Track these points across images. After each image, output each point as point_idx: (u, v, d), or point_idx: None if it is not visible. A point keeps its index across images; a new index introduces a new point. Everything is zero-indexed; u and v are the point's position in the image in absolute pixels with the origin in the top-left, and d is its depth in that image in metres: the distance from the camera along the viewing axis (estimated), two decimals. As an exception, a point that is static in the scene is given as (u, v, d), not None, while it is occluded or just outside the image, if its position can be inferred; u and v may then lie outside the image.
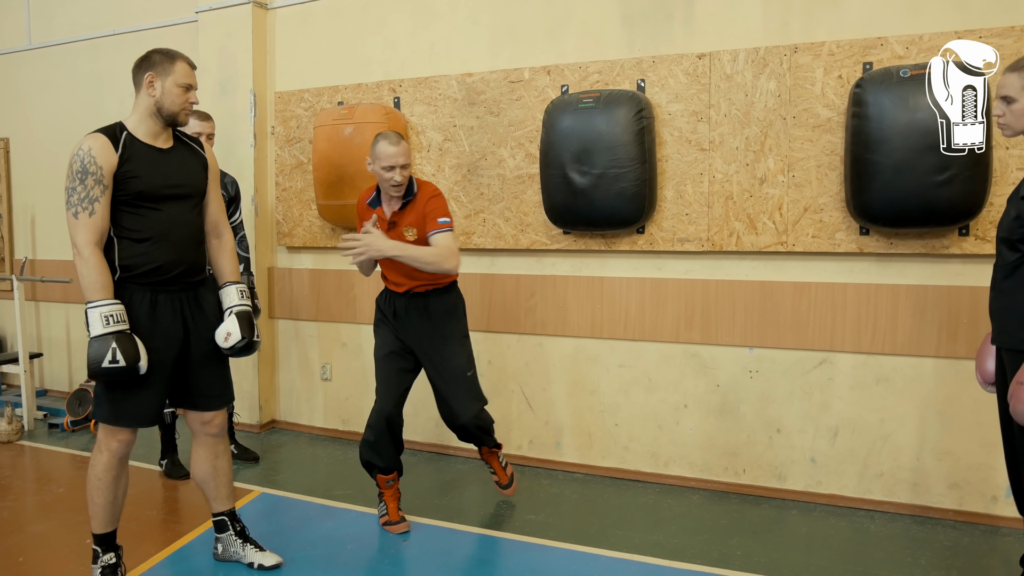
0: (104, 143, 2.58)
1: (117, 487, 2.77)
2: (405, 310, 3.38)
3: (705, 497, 3.75)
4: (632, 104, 3.59)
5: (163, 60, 2.69)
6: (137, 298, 2.66)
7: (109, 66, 5.21)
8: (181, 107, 2.72)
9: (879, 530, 3.36)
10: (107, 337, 2.49)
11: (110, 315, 2.52)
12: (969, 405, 3.38)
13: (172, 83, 2.68)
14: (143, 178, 2.63)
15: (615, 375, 3.99)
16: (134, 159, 2.62)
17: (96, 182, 2.55)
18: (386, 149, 3.17)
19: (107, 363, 2.48)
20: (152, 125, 2.70)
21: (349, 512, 3.59)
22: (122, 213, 2.63)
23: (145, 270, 2.66)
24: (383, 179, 3.21)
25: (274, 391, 4.94)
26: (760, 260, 3.68)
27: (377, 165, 3.20)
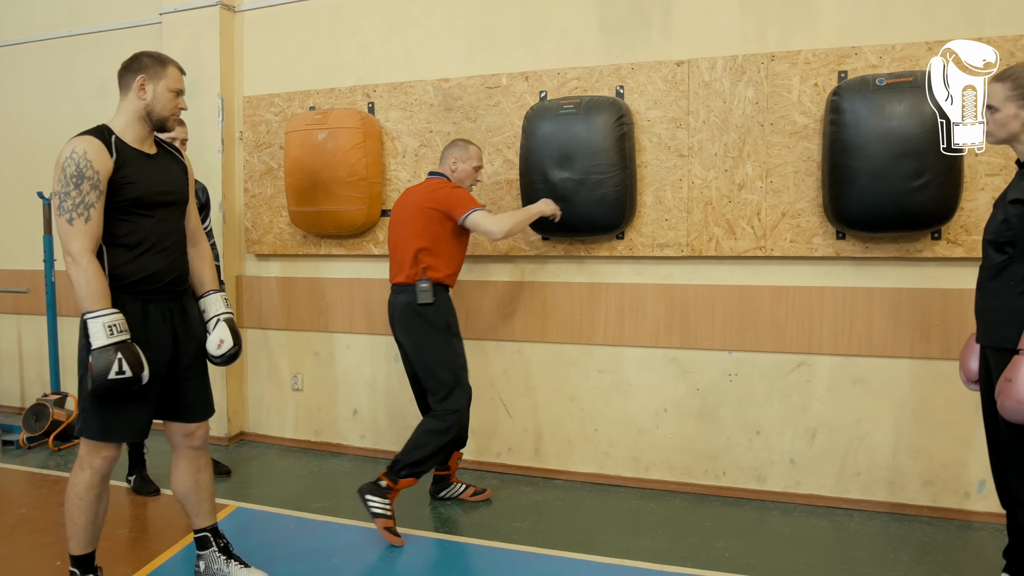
0: (99, 147, 2.49)
1: (99, 506, 2.67)
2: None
3: (686, 500, 3.78)
4: (612, 110, 3.62)
5: (154, 64, 2.62)
6: (129, 308, 2.57)
7: (65, 68, 5.04)
8: (171, 112, 2.66)
9: (859, 528, 3.43)
10: (111, 348, 2.40)
11: (112, 325, 2.43)
12: (942, 404, 3.48)
13: (164, 88, 2.62)
14: (138, 184, 2.55)
15: (595, 380, 4.00)
16: (128, 164, 2.55)
17: (92, 187, 2.46)
18: (479, 152, 3.66)
19: (113, 375, 2.39)
20: (139, 129, 2.63)
21: (329, 525, 3.52)
22: (114, 220, 2.54)
23: (137, 279, 2.58)
24: (470, 177, 3.62)
25: (243, 402, 4.83)
26: (739, 265, 3.74)
27: (469, 165, 3.60)
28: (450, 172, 3.57)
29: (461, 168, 3.58)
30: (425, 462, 3.36)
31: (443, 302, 3.46)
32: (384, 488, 3.32)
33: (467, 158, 3.58)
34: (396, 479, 3.33)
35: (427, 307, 3.40)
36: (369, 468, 4.26)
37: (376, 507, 3.29)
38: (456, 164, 3.57)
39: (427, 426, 3.40)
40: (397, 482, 3.33)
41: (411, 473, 3.34)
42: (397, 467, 3.34)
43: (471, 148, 3.61)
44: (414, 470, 3.34)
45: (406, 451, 3.36)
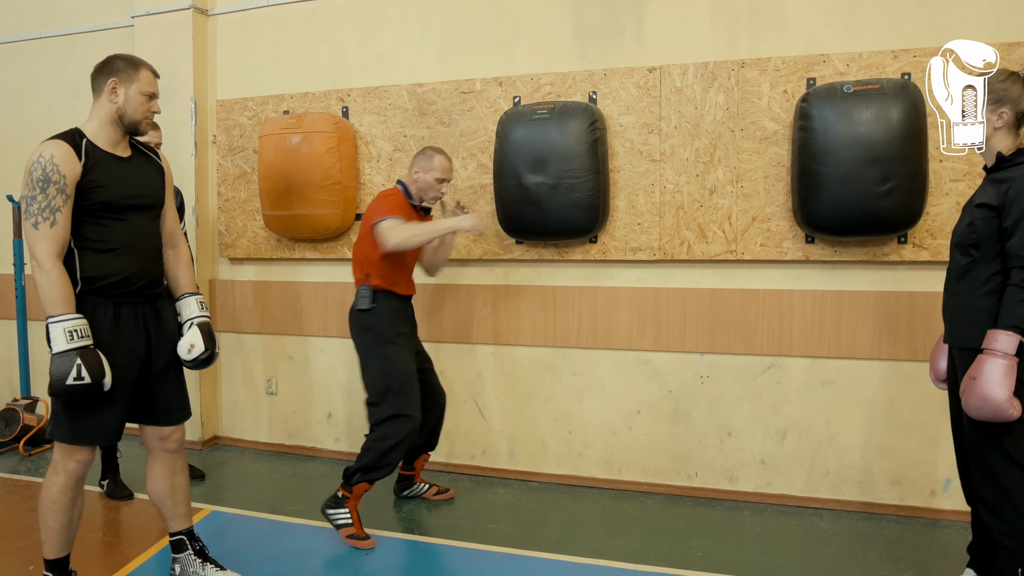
0: (67, 150, 2.48)
1: (73, 510, 2.66)
2: (413, 313, 3.63)
3: (660, 501, 3.82)
4: (586, 116, 3.65)
5: (127, 67, 2.62)
6: (100, 311, 2.56)
7: (34, 71, 4.99)
8: (144, 116, 2.65)
9: (828, 527, 3.49)
10: (71, 353, 2.39)
11: (74, 330, 2.42)
12: (909, 405, 3.55)
13: (136, 91, 2.61)
14: (108, 188, 2.55)
15: (568, 383, 4.03)
16: (98, 168, 2.54)
17: (59, 191, 2.45)
18: (445, 163, 3.51)
19: (72, 380, 2.38)
20: (112, 133, 2.62)
21: (305, 528, 3.52)
22: (85, 224, 2.54)
23: (109, 282, 2.58)
24: (432, 188, 3.50)
25: (216, 406, 4.80)
26: (710, 268, 3.79)
27: (431, 176, 3.48)
28: (411, 182, 3.52)
29: (422, 179, 3.49)
30: (374, 469, 3.33)
31: (383, 309, 3.42)
32: (341, 498, 3.36)
33: (429, 168, 3.48)
34: (350, 487, 3.35)
35: (365, 313, 3.41)
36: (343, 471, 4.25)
37: (338, 519, 3.34)
38: (418, 174, 3.50)
39: (371, 432, 3.40)
40: (352, 490, 3.34)
41: (363, 479, 3.34)
42: (349, 474, 3.37)
43: (436, 159, 3.49)
44: (365, 476, 3.34)
45: (358, 458, 3.38)
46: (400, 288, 3.48)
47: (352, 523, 3.31)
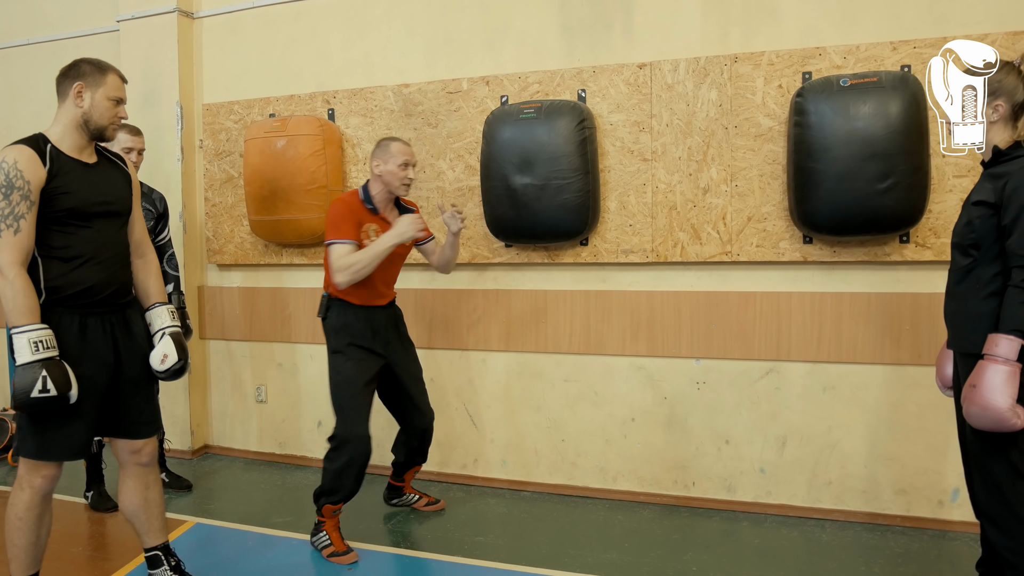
0: (31, 156, 2.41)
1: (40, 527, 2.57)
2: (384, 324, 3.37)
3: (655, 512, 3.69)
4: (574, 114, 3.54)
5: (93, 71, 2.54)
6: (66, 322, 2.49)
7: (22, 77, 4.94)
8: (110, 121, 2.58)
9: (831, 539, 3.35)
10: (35, 365, 2.31)
11: (39, 341, 2.34)
12: (914, 411, 3.41)
13: (102, 96, 2.54)
14: (74, 194, 2.47)
15: (561, 390, 3.92)
16: (63, 174, 2.46)
17: (23, 198, 2.37)
18: (401, 146, 3.27)
19: (36, 393, 2.31)
20: (77, 138, 2.54)
21: (290, 541, 3.42)
22: (49, 232, 2.46)
23: (74, 292, 2.50)
24: (397, 178, 3.24)
25: (206, 415, 4.72)
26: (705, 270, 3.66)
27: (392, 164, 3.23)
28: (376, 179, 3.28)
29: (385, 170, 3.23)
30: (333, 492, 3.21)
31: (338, 320, 3.27)
32: (318, 523, 3.29)
33: (388, 157, 3.23)
34: (319, 510, 3.27)
35: (324, 321, 3.33)
36: (334, 482, 4.17)
37: (319, 543, 3.27)
38: (379, 167, 3.24)
39: (326, 454, 3.27)
40: (322, 512, 3.26)
41: (328, 502, 3.24)
42: (315, 498, 3.30)
43: (392, 146, 3.24)
44: (327, 499, 3.24)
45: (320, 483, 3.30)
46: (353, 298, 3.26)
47: (331, 542, 3.23)
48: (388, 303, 3.43)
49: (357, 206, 3.25)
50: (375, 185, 3.30)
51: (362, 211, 3.25)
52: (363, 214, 3.24)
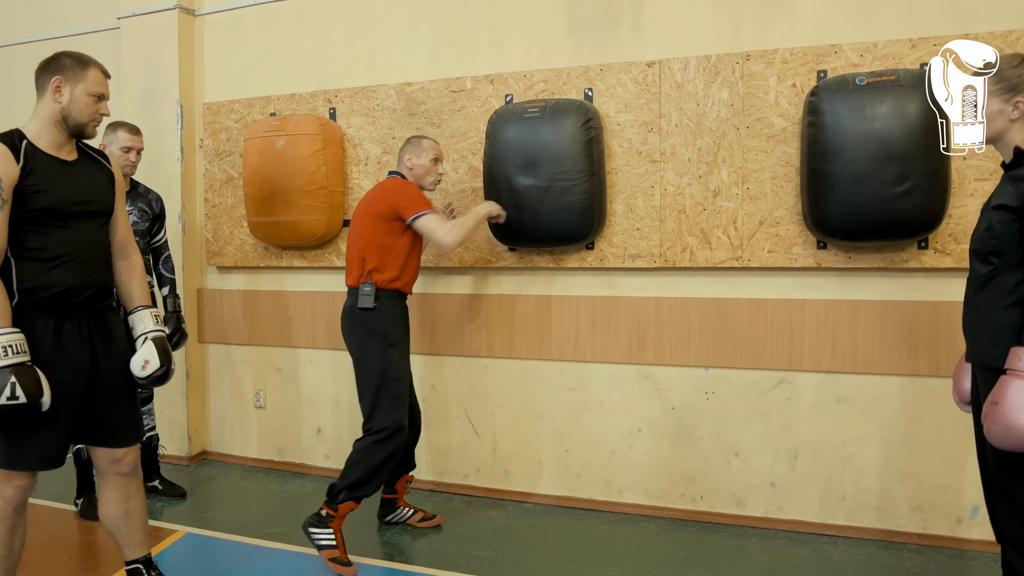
0: (3, 152, 2.31)
1: (13, 539, 2.46)
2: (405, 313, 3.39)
3: (661, 526, 3.56)
4: (580, 114, 3.42)
5: (74, 65, 2.44)
6: (40, 325, 2.38)
7: (25, 75, 4.79)
8: (91, 118, 2.47)
9: (843, 557, 3.21)
10: (5, 370, 2.21)
11: (8, 345, 2.24)
12: (932, 424, 3.26)
13: (83, 91, 2.43)
14: (49, 193, 2.37)
15: (565, 399, 3.80)
16: (38, 171, 2.36)
17: None
18: (433, 143, 3.42)
19: (5, 400, 2.20)
20: (56, 135, 2.44)
21: (282, 553, 3.31)
22: (23, 231, 2.36)
23: (49, 294, 2.39)
24: (430, 172, 3.39)
25: (204, 420, 4.63)
26: (715, 276, 3.53)
27: (425, 159, 3.36)
28: (407, 171, 3.37)
29: (417, 164, 3.35)
30: (362, 485, 3.14)
31: (386, 309, 3.22)
32: (326, 517, 3.13)
33: (421, 152, 3.36)
34: (335, 505, 3.14)
35: (367, 312, 3.19)
36: (332, 491, 4.07)
37: (321, 538, 3.11)
38: (411, 161, 3.36)
39: (358, 445, 3.19)
40: (337, 508, 3.13)
41: (350, 497, 3.14)
42: (334, 492, 3.16)
43: (424, 142, 3.40)
44: (352, 493, 3.14)
45: (342, 475, 3.17)
46: (404, 287, 3.32)
47: (336, 545, 3.10)
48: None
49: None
50: (408, 177, 3.38)
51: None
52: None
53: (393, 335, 3.22)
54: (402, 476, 3.58)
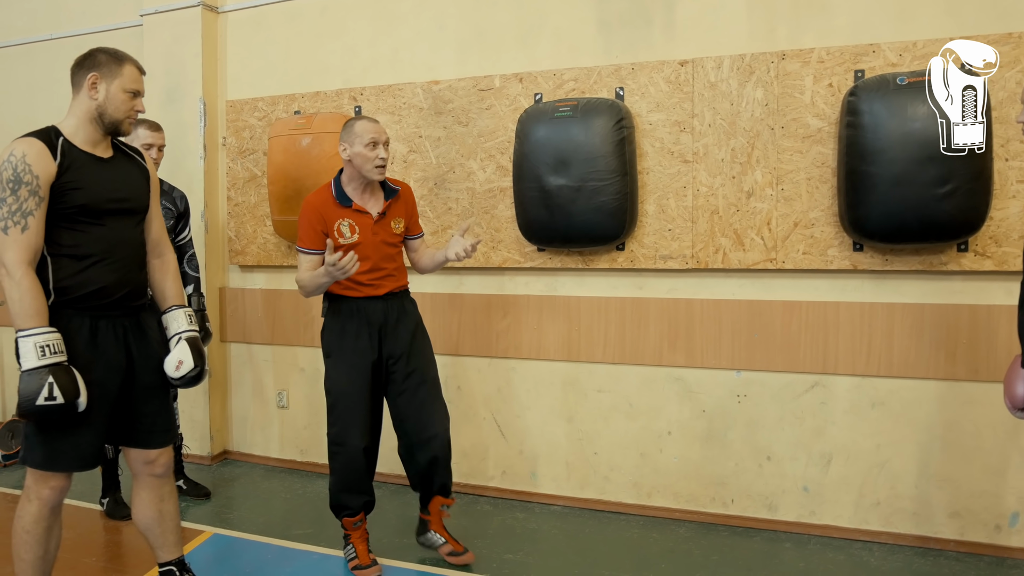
0: (40, 149, 2.28)
1: (48, 540, 2.44)
2: (384, 316, 3.06)
3: (692, 530, 3.52)
4: (612, 113, 3.38)
5: (109, 61, 2.41)
6: (75, 325, 2.35)
7: (45, 73, 4.86)
8: (126, 115, 2.44)
9: (880, 563, 3.16)
10: (42, 370, 2.18)
11: (46, 345, 2.21)
12: (970, 430, 3.21)
13: (118, 88, 2.40)
14: (85, 190, 2.34)
15: (594, 401, 3.75)
16: (74, 168, 2.33)
17: (31, 193, 2.25)
18: (367, 125, 2.96)
19: (42, 400, 2.17)
20: (91, 132, 2.41)
21: (311, 555, 3.29)
22: (59, 229, 2.34)
23: (85, 293, 2.37)
24: (366, 159, 2.92)
25: (226, 420, 4.61)
26: (748, 278, 3.49)
27: (358, 144, 2.92)
28: (346, 164, 3.00)
29: (353, 152, 2.94)
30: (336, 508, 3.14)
31: (329, 317, 3.11)
32: (345, 535, 3.19)
33: (353, 139, 2.94)
34: (340, 523, 3.17)
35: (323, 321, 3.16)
36: (356, 492, 4.04)
37: (347, 555, 3.15)
38: (346, 151, 2.95)
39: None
40: (343, 524, 3.15)
41: (342, 515, 3.14)
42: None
43: (355, 125, 2.95)
44: (340, 513, 3.14)
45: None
46: (357, 291, 3.03)
47: (356, 554, 3.10)
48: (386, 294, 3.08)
49: (323, 203, 2.99)
50: (347, 172, 3.02)
51: (330, 207, 2.99)
52: (331, 210, 2.98)
53: (327, 344, 3.10)
54: (433, 498, 3.20)
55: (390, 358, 3.07)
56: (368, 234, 3.01)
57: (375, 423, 3.11)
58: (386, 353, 3.06)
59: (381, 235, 3.04)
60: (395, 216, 3.10)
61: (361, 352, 3.02)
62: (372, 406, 3.08)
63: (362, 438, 3.03)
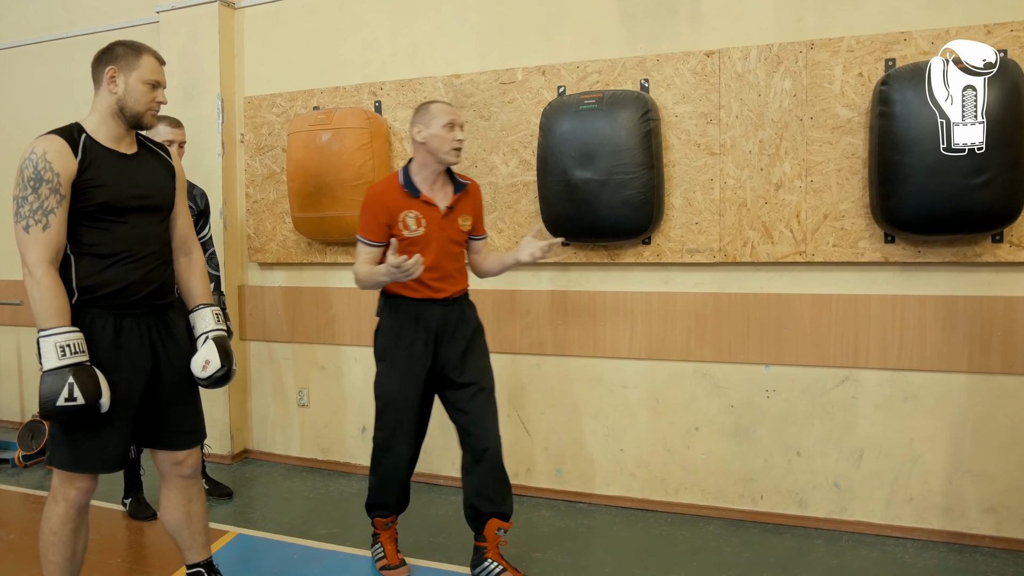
0: (61, 146, 2.24)
1: (76, 542, 2.41)
2: (444, 321, 2.91)
3: (721, 527, 3.48)
4: (638, 105, 3.33)
5: (127, 53, 2.36)
6: (99, 324, 2.32)
7: (61, 71, 4.83)
8: (147, 107, 2.39)
9: (914, 560, 3.11)
10: (63, 371, 2.14)
11: (66, 345, 2.17)
12: (1005, 424, 3.16)
13: (137, 79, 2.35)
14: (107, 187, 2.30)
15: (620, 397, 3.71)
16: (96, 165, 2.29)
17: (52, 191, 2.21)
18: (444, 106, 2.85)
19: (63, 401, 2.13)
20: (114, 127, 2.37)
21: (337, 555, 3.26)
22: (81, 227, 2.30)
23: (108, 292, 2.33)
24: (443, 140, 2.79)
25: (246, 418, 4.58)
26: (776, 271, 3.44)
27: (435, 126, 2.79)
28: (419, 148, 2.87)
29: (428, 134, 2.80)
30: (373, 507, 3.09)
31: (384, 318, 2.97)
32: (374, 533, 3.14)
33: (429, 120, 2.81)
34: (372, 521, 3.12)
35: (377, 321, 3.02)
36: (379, 491, 4.01)
37: (376, 553, 3.11)
38: (420, 133, 2.82)
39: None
40: (374, 523, 3.11)
41: (376, 515, 3.09)
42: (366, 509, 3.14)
43: (432, 107, 2.84)
44: (373, 513, 3.10)
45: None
46: (408, 290, 2.88)
47: (384, 554, 3.06)
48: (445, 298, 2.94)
49: (389, 193, 2.86)
50: (418, 159, 2.89)
51: (397, 197, 2.85)
52: (397, 200, 2.84)
53: (380, 347, 2.97)
54: (488, 520, 2.95)
55: (445, 366, 2.92)
56: (434, 228, 2.86)
57: (421, 431, 3.02)
58: (441, 360, 2.91)
59: (447, 231, 2.90)
60: (463, 212, 2.96)
61: (416, 358, 2.89)
62: (421, 414, 2.98)
63: (409, 446, 2.97)
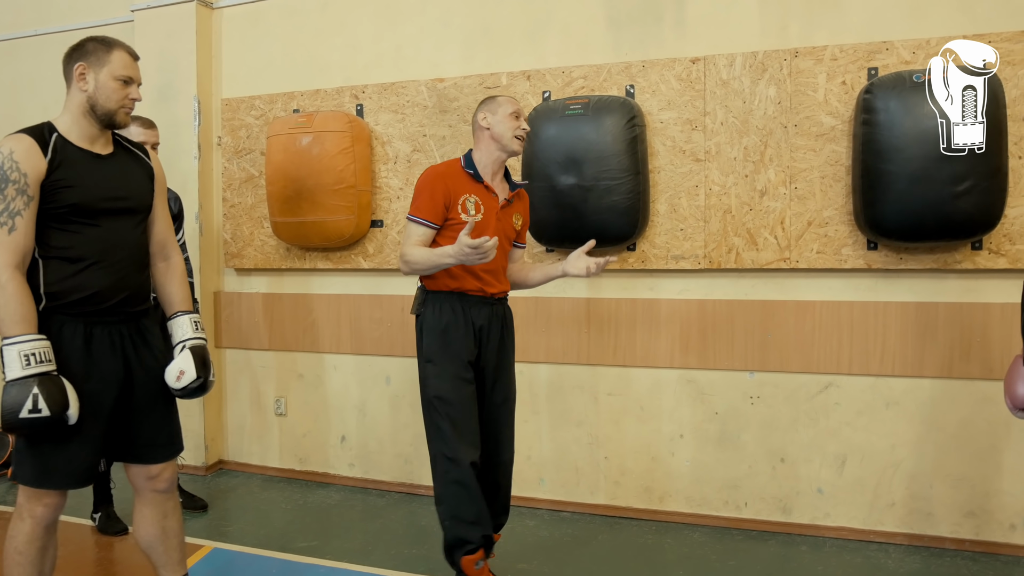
0: (30, 145, 2.16)
1: (43, 561, 2.30)
2: (489, 320, 2.82)
3: (706, 534, 3.47)
4: (623, 111, 3.33)
5: (98, 48, 2.28)
6: (68, 332, 2.22)
7: (30, 69, 4.71)
8: (119, 104, 2.30)
9: (896, 565, 3.14)
10: (28, 381, 2.05)
11: (31, 353, 2.08)
12: (984, 428, 3.20)
13: (108, 75, 2.26)
14: (78, 188, 2.21)
15: (604, 404, 3.70)
16: (67, 165, 2.20)
17: (18, 192, 2.12)
18: (510, 98, 2.82)
19: (26, 413, 2.04)
20: (87, 126, 2.28)
21: (318, 568, 3.17)
22: (51, 230, 2.21)
23: (78, 298, 2.23)
24: (509, 128, 2.74)
25: (221, 428, 4.48)
26: (761, 278, 3.45)
27: (501, 113, 2.75)
28: (482, 136, 2.80)
29: (494, 122, 2.76)
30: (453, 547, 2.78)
31: (429, 315, 2.78)
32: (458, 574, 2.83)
33: (495, 108, 2.77)
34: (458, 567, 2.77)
35: (416, 318, 2.83)
36: (358, 499, 3.94)
37: None
38: (486, 119, 2.77)
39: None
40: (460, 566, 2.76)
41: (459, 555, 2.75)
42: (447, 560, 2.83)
43: (498, 98, 2.82)
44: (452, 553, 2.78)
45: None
46: (455, 284, 2.75)
47: None
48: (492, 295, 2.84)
49: (452, 174, 2.75)
50: (481, 146, 2.81)
51: (459, 179, 2.75)
52: (459, 182, 2.74)
53: (428, 347, 2.78)
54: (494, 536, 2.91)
55: (484, 368, 2.85)
56: (492, 218, 2.76)
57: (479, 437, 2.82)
58: (482, 362, 2.83)
59: (503, 223, 2.82)
60: (516, 211, 2.91)
61: (467, 355, 2.77)
62: (477, 416, 2.82)
63: (474, 452, 2.75)
